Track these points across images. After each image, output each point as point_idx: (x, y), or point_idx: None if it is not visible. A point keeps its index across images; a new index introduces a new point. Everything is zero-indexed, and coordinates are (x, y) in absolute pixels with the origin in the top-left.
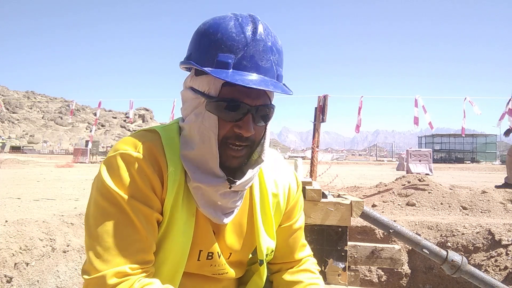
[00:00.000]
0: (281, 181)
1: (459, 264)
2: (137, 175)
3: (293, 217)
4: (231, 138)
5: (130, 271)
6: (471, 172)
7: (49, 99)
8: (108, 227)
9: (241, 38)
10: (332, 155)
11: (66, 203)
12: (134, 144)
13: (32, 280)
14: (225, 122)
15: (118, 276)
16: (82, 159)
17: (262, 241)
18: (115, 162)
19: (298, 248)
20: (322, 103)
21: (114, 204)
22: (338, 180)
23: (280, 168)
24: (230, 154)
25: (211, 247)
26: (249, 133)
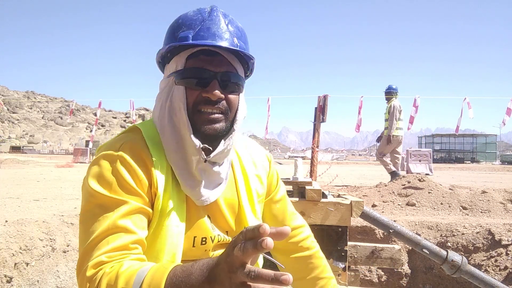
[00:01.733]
0: (259, 162)
1: (459, 264)
2: (121, 171)
3: (272, 189)
4: (200, 103)
5: (106, 259)
6: (471, 172)
7: (49, 99)
8: (93, 228)
9: (198, 17)
10: (332, 155)
11: (66, 203)
12: (115, 144)
13: (32, 280)
14: (192, 91)
15: (95, 267)
16: (82, 159)
17: (248, 218)
18: (98, 164)
19: (287, 217)
20: (322, 103)
21: (97, 205)
22: (338, 180)
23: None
24: (204, 118)
25: (204, 232)
26: (216, 96)
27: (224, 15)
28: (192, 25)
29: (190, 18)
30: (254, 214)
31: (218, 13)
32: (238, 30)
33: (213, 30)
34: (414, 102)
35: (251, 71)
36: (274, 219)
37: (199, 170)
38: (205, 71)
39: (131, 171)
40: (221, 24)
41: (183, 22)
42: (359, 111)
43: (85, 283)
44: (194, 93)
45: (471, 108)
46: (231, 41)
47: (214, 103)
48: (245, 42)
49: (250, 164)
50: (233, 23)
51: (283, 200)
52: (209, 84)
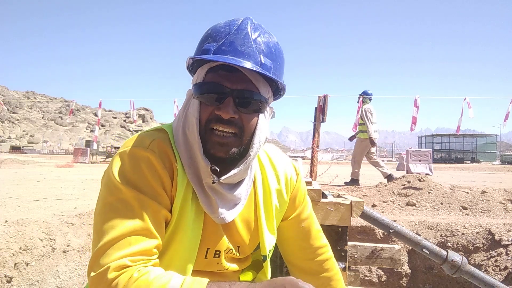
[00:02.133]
0: (282, 175)
1: (459, 264)
2: (147, 171)
3: (298, 205)
4: (212, 121)
5: (130, 263)
6: (471, 172)
7: (49, 99)
8: (112, 222)
9: (225, 30)
10: (332, 155)
11: (66, 203)
12: (145, 140)
13: (32, 280)
14: (206, 106)
15: (117, 270)
16: (82, 159)
17: (266, 237)
18: (126, 157)
19: (313, 235)
20: (322, 103)
21: (121, 199)
22: (338, 180)
23: (279, 161)
24: (214, 140)
25: (218, 246)
26: (228, 114)
27: (254, 29)
28: (217, 37)
29: (218, 29)
30: (270, 231)
31: (247, 26)
32: (267, 47)
33: (236, 45)
34: (415, 102)
35: (282, 90)
36: (299, 237)
37: (210, 189)
38: (222, 87)
39: (157, 172)
40: (247, 38)
41: (211, 34)
42: (358, 111)
43: (105, 284)
44: (208, 109)
45: (471, 108)
46: (255, 59)
47: (226, 122)
48: (274, 59)
49: (273, 177)
50: (264, 37)
51: (310, 218)
52: (223, 101)
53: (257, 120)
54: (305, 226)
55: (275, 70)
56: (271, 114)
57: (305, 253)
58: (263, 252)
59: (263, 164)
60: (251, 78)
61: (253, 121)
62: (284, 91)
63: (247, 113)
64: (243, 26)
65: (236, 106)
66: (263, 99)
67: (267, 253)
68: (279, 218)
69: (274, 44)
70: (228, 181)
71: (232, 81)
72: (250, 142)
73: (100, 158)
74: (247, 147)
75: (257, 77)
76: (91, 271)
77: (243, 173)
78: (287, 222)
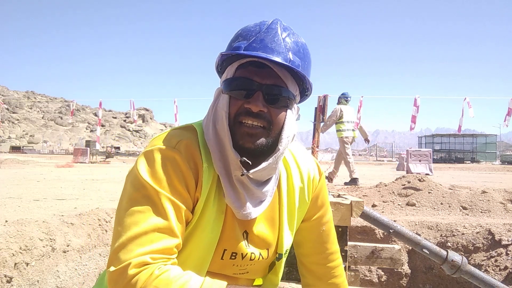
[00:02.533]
0: (306, 173)
1: (459, 264)
2: (172, 171)
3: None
4: (242, 114)
5: (151, 261)
6: (471, 172)
7: (49, 99)
8: (136, 218)
9: (255, 29)
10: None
11: (66, 203)
12: (172, 140)
13: (32, 280)
14: (236, 100)
15: (138, 266)
16: (82, 159)
17: (285, 235)
18: (152, 156)
19: (331, 240)
20: (322, 103)
21: (146, 196)
22: (338, 180)
23: (303, 160)
24: (243, 131)
25: (236, 247)
26: (257, 108)
27: (284, 29)
28: (247, 36)
29: (248, 29)
30: (290, 229)
31: (277, 26)
32: (296, 45)
33: (266, 42)
34: (415, 102)
35: (309, 90)
36: (317, 240)
37: (239, 183)
38: (251, 81)
39: (182, 172)
40: (276, 37)
41: (241, 33)
42: (358, 110)
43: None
44: (237, 103)
45: (471, 107)
46: (284, 55)
47: (255, 115)
48: (302, 58)
49: (297, 176)
50: (293, 37)
51: (330, 222)
52: (253, 95)
53: (285, 115)
54: (325, 230)
55: (303, 68)
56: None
57: (320, 257)
58: (279, 250)
59: (288, 162)
60: (280, 75)
61: (281, 116)
62: (311, 90)
63: (275, 108)
64: (273, 26)
65: (265, 101)
66: (291, 96)
67: (284, 251)
68: (300, 218)
69: (303, 44)
70: (256, 176)
71: (261, 76)
72: (278, 137)
73: (100, 158)
74: (276, 141)
75: (286, 74)
76: (111, 265)
77: (271, 170)
78: (308, 224)
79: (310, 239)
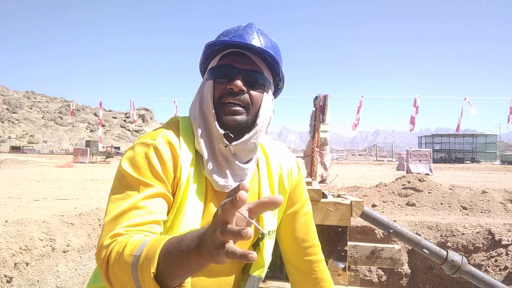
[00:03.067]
0: (284, 163)
1: (459, 264)
2: (152, 158)
3: (299, 199)
4: (225, 96)
5: (123, 232)
6: (471, 172)
7: (49, 99)
8: (115, 204)
9: (234, 28)
10: (332, 155)
11: (66, 203)
12: (152, 135)
13: (32, 280)
14: (220, 84)
15: (112, 238)
16: (82, 159)
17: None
18: (133, 149)
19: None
20: (322, 103)
21: (125, 185)
22: (338, 180)
23: (283, 153)
24: (226, 109)
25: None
26: (238, 87)
27: (258, 30)
28: (228, 33)
29: (228, 30)
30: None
31: (253, 27)
32: (269, 42)
33: (244, 36)
34: (414, 102)
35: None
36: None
37: (221, 156)
38: (232, 67)
39: (160, 159)
40: (253, 34)
41: (222, 33)
42: (358, 110)
43: (102, 250)
44: (220, 86)
45: (473, 106)
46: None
47: (236, 94)
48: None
49: (276, 164)
50: (266, 36)
51: (309, 215)
52: (234, 78)
53: (262, 97)
54: (304, 221)
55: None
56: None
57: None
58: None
59: (266, 152)
60: (257, 63)
61: (258, 97)
62: (283, 84)
63: (254, 90)
64: (249, 26)
65: (245, 82)
66: (267, 82)
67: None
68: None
69: (274, 43)
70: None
71: (241, 63)
72: (257, 115)
73: (100, 158)
74: (255, 119)
75: (261, 62)
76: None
77: (252, 149)
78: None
79: (289, 231)
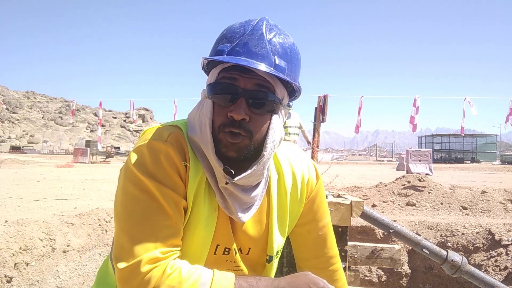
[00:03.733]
0: (299, 174)
1: (459, 264)
2: (166, 162)
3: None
4: (227, 126)
5: (161, 256)
6: (471, 172)
7: (49, 99)
8: (138, 214)
9: (240, 30)
10: (332, 155)
11: (66, 203)
12: (163, 134)
13: (32, 280)
14: (220, 109)
15: (151, 262)
16: (82, 159)
17: (275, 237)
18: (145, 150)
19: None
20: (322, 103)
21: (144, 190)
22: (338, 180)
23: (298, 162)
24: (226, 140)
25: (228, 243)
26: (239, 116)
27: (270, 29)
28: (231, 38)
29: (233, 30)
30: (281, 232)
31: (263, 27)
32: (282, 48)
33: (250, 46)
34: (414, 102)
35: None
36: (314, 245)
37: (224, 190)
38: (234, 87)
39: (175, 164)
40: (261, 40)
41: (226, 35)
42: (358, 112)
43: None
44: (222, 112)
45: (473, 106)
46: (269, 60)
47: (238, 123)
48: (289, 61)
49: (290, 178)
50: (279, 38)
51: (328, 226)
52: (236, 102)
53: (269, 121)
54: (322, 234)
55: (290, 71)
56: (286, 115)
57: (318, 262)
58: (269, 252)
59: (281, 164)
60: (267, 78)
61: (265, 122)
62: (300, 92)
63: (259, 114)
64: (258, 27)
65: (249, 107)
66: (277, 100)
67: (274, 253)
68: (293, 220)
69: (290, 45)
70: (243, 183)
71: (245, 81)
72: (263, 143)
73: (100, 158)
74: (260, 147)
75: (273, 77)
76: (119, 262)
77: (259, 175)
78: (304, 228)
79: (307, 243)
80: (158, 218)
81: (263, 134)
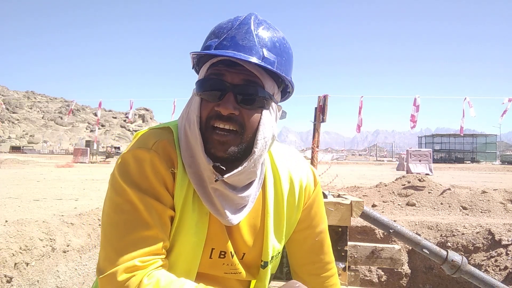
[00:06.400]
0: (297, 179)
1: (459, 264)
2: (150, 171)
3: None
4: (213, 118)
5: (139, 265)
6: (471, 172)
7: (49, 99)
8: (120, 224)
9: (227, 26)
10: (332, 155)
11: (66, 203)
12: (149, 141)
13: (32, 280)
14: (207, 103)
15: (128, 272)
16: (82, 159)
17: (270, 242)
18: (130, 159)
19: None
20: (322, 103)
21: (127, 200)
22: (338, 180)
23: (296, 166)
24: (215, 138)
25: (223, 246)
26: (227, 110)
27: (257, 24)
28: (219, 33)
29: (220, 26)
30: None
31: (250, 21)
32: (271, 41)
33: (237, 39)
34: (414, 101)
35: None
36: (311, 251)
37: (214, 190)
38: (222, 82)
39: (160, 173)
40: (248, 33)
41: (214, 31)
42: (359, 112)
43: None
44: (208, 106)
45: (472, 107)
46: (257, 53)
47: (226, 118)
48: (278, 54)
49: (287, 182)
50: (268, 32)
51: (325, 232)
52: (223, 97)
53: (260, 116)
54: (319, 240)
55: (280, 65)
56: (280, 112)
57: (314, 268)
58: (264, 258)
59: (278, 169)
60: (255, 73)
61: (255, 118)
62: (293, 88)
63: (249, 110)
64: (245, 21)
65: (238, 102)
66: (267, 95)
67: (269, 258)
68: (290, 227)
69: (279, 39)
70: (234, 182)
71: (233, 76)
72: (253, 140)
73: (100, 158)
74: (251, 144)
75: (261, 71)
76: (99, 273)
77: (250, 173)
78: (301, 234)
79: (303, 249)
80: (140, 229)
81: (254, 130)
